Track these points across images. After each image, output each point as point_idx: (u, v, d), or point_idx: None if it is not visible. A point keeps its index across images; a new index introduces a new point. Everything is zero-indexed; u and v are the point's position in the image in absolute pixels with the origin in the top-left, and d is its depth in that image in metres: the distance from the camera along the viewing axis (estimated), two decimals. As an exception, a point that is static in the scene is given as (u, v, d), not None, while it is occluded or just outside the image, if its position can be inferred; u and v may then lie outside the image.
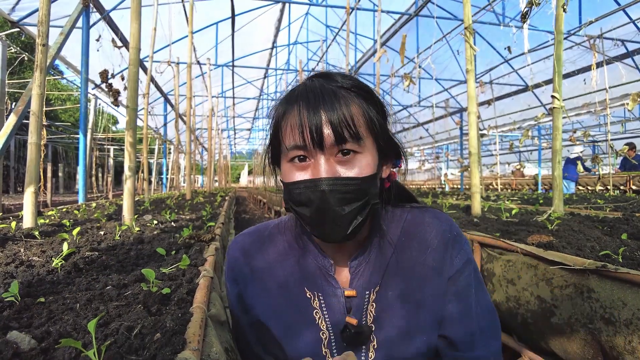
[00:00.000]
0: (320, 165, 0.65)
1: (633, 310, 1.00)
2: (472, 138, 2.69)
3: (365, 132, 0.67)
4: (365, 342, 0.74)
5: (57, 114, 21.03)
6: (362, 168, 0.66)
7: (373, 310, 0.75)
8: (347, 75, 0.73)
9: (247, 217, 10.14)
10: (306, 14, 13.05)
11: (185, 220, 2.49)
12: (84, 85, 4.77)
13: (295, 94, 0.69)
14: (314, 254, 0.79)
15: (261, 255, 0.83)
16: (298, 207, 0.69)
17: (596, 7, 7.21)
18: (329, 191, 0.64)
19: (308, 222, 0.69)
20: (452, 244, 0.76)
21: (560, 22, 2.43)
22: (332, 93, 0.66)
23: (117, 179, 22.28)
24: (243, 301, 0.82)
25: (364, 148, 0.67)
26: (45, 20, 1.94)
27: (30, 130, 1.96)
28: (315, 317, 0.76)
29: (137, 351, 0.54)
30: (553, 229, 1.83)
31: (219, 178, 19.67)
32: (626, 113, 11.43)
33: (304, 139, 0.64)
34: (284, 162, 0.71)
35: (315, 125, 0.63)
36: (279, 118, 0.70)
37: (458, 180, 15.76)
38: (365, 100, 0.69)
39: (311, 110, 0.64)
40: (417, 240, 0.77)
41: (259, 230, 0.87)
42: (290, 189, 0.68)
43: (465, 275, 0.76)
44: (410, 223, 0.79)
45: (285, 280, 0.79)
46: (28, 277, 0.98)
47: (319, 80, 0.71)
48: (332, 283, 0.77)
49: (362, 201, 0.66)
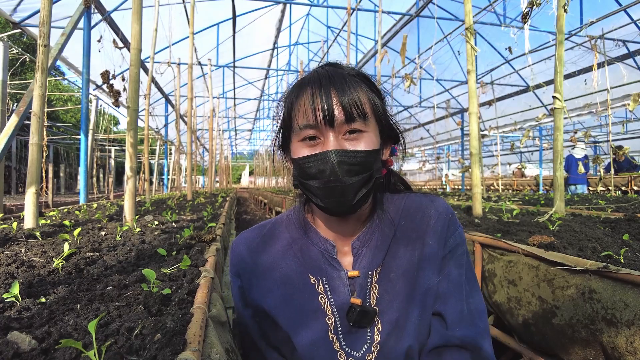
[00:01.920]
0: (330, 141, 0.70)
1: (635, 311, 1.00)
2: (473, 139, 2.69)
3: (370, 113, 0.73)
4: (370, 323, 0.76)
5: (59, 114, 21.08)
6: (367, 144, 0.72)
7: (376, 291, 0.78)
8: (352, 66, 0.81)
9: (248, 218, 10.14)
10: (307, 15, 13.07)
11: (186, 220, 2.49)
12: (85, 86, 4.78)
13: (307, 79, 0.75)
14: (316, 239, 0.82)
15: (264, 249, 0.85)
16: (308, 180, 0.73)
17: (597, 8, 7.20)
18: (338, 162, 0.69)
19: (317, 194, 0.73)
20: (447, 225, 0.80)
21: (562, 23, 2.43)
22: (342, 78, 0.73)
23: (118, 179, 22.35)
24: (245, 295, 0.84)
25: (368, 127, 0.73)
26: (46, 21, 1.94)
27: (31, 131, 1.96)
28: (320, 302, 0.78)
29: (137, 352, 0.54)
30: (554, 230, 1.82)
31: (220, 179, 19.69)
32: (627, 114, 11.42)
33: (316, 117, 0.70)
34: (294, 142, 0.76)
35: (327, 105, 0.70)
36: (292, 101, 0.76)
37: (459, 181, 15.75)
38: (368, 87, 0.76)
39: (323, 91, 0.71)
40: (416, 222, 0.81)
41: (261, 227, 0.90)
42: (300, 163, 0.73)
43: (459, 254, 0.80)
44: (409, 206, 0.84)
45: (289, 271, 0.81)
46: (29, 277, 0.98)
47: (329, 67, 0.77)
48: (335, 266, 0.79)
49: (367, 173, 0.72)
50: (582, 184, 7.90)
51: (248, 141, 30.50)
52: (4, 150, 2.89)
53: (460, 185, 14.71)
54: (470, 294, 0.79)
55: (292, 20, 11.58)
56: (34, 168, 1.97)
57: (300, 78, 0.80)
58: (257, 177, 29.04)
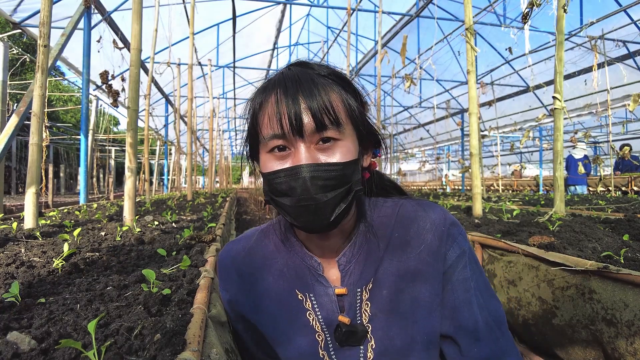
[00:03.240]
0: (301, 153, 0.63)
1: (635, 311, 1.00)
2: (473, 139, 2.69)
3: (345, 119, 0.65)
4: (361, 341, 0.72)
5: (59, 115, 21.09)
6: (343, 154, 0.64)
7: (368, 309, 0.73)
8: (324, 64, 0.72)
9: (248, 218, 10.13)
10: (307, 15, 13.08)
11: (186, 221, 2.49)
12: (85, 87, 4.78)
13: (272, 82, 0.68)
14: (301, 254, 0.77)
15: (250, 262, 0.81)
16: (278, 197, 0.66)
17: (597, 8, 7.20)
18: (311, 177, 0.61)
19: (289, 212, 0.66)
20: (445, 237, 0.73)
21: (562, 23, 2.43)
22: (310, 80, 0.65)
23: (118, 179, 22.34)
24: (235, 309, 0.82)
25: (344, 135, 0.65)
26: (46, 21, 1.95)
27: (31, 131, 1.96)
28: (309, 318, 0.75)
29: (137, 352, 0.53)
30: (554, 230, 1.82)
31: (220, 179, 19.68)
32: (627, 114, 11.42)
33: (282, 127, 0.62)
34: (262, 154, 0.69)
35: (294, 112, 0.62)
36: (256, 108, 0.68)
37: (459, 181, 15.75)
38: (342, 88, 0.68)
39: (289, 97, 0.63)
40: (411, 235, 0.74)
41: (247, 237, 0.85)
42: (269, 179, 0.66)
43: (461, 268, 0.73)
44: (402, 216, 0.76)
45: (276, 285, 0.78)
46: (29, 277, 0.98)
47: (296, 68, 0.69)
48: (322, 282, 0.75)
49: (345, 187, 0.64)
50: (582, 185, 7.90)
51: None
52: (4, 150, 2.89)
53: (460, 186, 14.71)
54: (485, 305, 0.72)
55: (292, 20, 11.60)
56: (34, 168, 1.97)
57: (265, 80, 0.71)
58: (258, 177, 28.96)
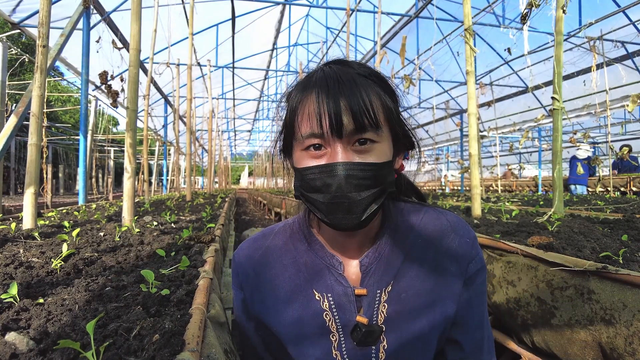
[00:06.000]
0: (338, 153, 0.63)
1: (633, 311, 1.00)
2: (472, 139, 2.69)
3: (383, 121, 0.65)
4: (375, 342, 0.72)
5: (58, 115, 21.05)
6: (379, 156, 0.65)
7: (385, 310, 0.73)
8: (363, 63, 0.71)
9: (247, 219, 10.13)
10: (306, 16, 13.08)
11: (185, 221, 2.49)
12: (84, 87, 4.77)
13: (313, 80, 0.67)
14: (321, 253, 0.77)
15: (267, 262, 0.80)
16: (310, 193, 0.66)
17: (596, 9, 7.22)
18: (346, 175, 0.62)
19: (321, 209, 0.66)
20: (469, 249, 0.75)
21: (560, 24, 2.43)
22: (352, 80, 0.64)
23: (118, 180, 22.30)
24: (248, 308, 0.81)
25: (381, 138, 0.65)
26: (45, 21, 1.94)
27: (30, 132, 1.96)
28: (325, 319, 0.74)
29: (135, 352, 0.53)
30: (553, 231, 1.82)
31: (219, 179, 19.66)
32: (626, 114, 11.43)
33: (321, 127, 0.62)
34: (297, 151, 0.69)
35: (335, 113, 0.61)
36: (294, 105, 0.68)
37: (458, 182, 15.76)
38: (382, 89, 0.68)
39: (330, 97, 0.62)
40: (435, 243, 0.75)
41: (264, 236, 0.84)
42: (303, 174, 0.66)
43: (479, 282, 0.76)
44: (426, 224, 0.77)
45: (293, 284, 0.77)
46: (27, 278, 0.98)
47: (337, 66, 0.68)
48: (342, 282, 0.74)
49: (379, 188, 0.65)
50: (582, 185, 7.91)
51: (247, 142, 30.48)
52: (3, 150, 2.89)
53: (459, 186, 14.72)
54: (487, 323, 0.79)
55: (292, 21, 11.59)
56: (32, 168, 1.97)
57: (305, 77, 0.71)
58: (257, 177, 29.03)
